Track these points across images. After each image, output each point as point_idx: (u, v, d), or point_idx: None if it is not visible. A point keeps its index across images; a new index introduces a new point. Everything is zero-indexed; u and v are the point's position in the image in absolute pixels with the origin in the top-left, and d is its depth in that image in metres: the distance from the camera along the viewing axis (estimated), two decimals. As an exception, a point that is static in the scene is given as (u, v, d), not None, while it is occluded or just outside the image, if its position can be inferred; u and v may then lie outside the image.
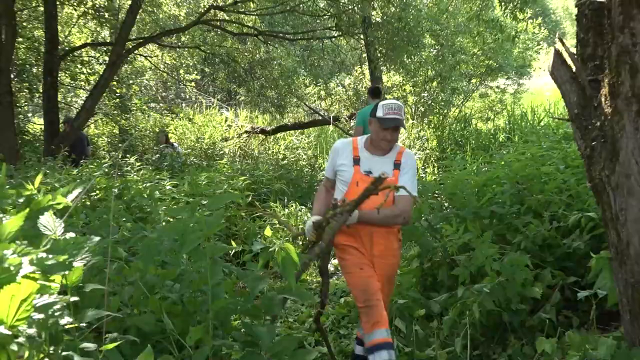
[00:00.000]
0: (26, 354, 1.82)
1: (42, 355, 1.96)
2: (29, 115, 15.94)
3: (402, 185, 3.98)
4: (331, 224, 4.09)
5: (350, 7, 14.57)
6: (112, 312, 2.73)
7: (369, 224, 4.33)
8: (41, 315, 1.92)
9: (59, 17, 13.36)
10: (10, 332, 1.73)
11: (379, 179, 3.72)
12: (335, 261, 6.10)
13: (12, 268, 1.86)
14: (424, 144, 15.70)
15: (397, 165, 4.45)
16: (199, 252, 3.48)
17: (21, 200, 2.83)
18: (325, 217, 4.12)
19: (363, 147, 4.57)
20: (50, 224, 2.24)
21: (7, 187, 3.02)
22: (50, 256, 2.03)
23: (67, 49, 14.23)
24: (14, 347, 1.76)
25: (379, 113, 4.39)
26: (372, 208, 4.04)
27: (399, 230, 4.60)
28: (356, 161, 4.49)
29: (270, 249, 3.75)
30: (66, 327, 2.17)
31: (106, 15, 15.42)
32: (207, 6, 15.37)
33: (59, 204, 2.68)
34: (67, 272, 2.14)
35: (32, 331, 1.92)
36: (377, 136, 4.44)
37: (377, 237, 4.41)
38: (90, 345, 2.29)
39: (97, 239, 2.19)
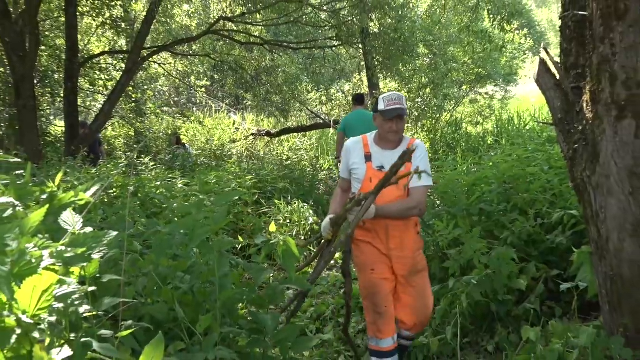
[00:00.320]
0: (47, 340, 1.81)
1: (62, 342, 1.96)
2: (51, 118, 15.97)
3: (420, 170, 3.83)
4: (349, 218, 3.91)
5: (349, 18, 14.58)
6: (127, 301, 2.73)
7: (384, 217, 4.06)
8: (61, 304, 1.92)
9: (79, 27, 13.37)
10: (32, 321, 1.72)
11: (407, 151, 3.63)
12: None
13: (33, 260, 1.86)
14: (417, 146, 15.66)
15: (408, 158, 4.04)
16: (207, 245, 3.49)
17: (44, 196, 2.83)
18: (341, 213, 3.97)
19: (373, 143, 4.28)
20: (70, 220, 2.24)
21: (31, 184, 3.01)
22: (70, 249, 2.03)
23: (86, 56, 14.23)
24: (36, 334, 1.76)
25: (381, 106, 4.13)
26: (389, 201, 3.96)
27: (416, 223, 4.31)
28: (368, 158, 4.22)
29: (272, 242, 3.75)
30: (85, 315, 2.17)
31: (123, 25, 15.44)
32: (217, 17, 15.37)
33: (79, 200, 2.68)
34: (85, 264, 2.14)
35: (53, 319, 1.92)
36: (383, 129, 4.17)
37: (392, 230, 4.13)
38: (107, 332, 2.29)
39: (114, 234, 2.19)
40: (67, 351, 1.80)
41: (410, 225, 4.21)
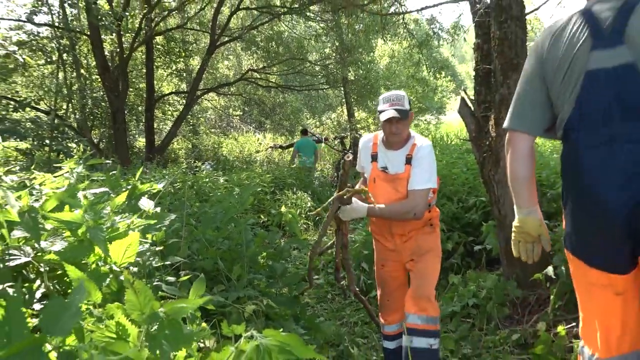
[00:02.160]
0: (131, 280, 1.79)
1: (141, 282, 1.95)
2: (136, 136, 15.90)
3: (365, 190, 2.75)
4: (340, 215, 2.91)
5: (334, 70, 14.67)
6: (185, 258, 2.73)
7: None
8: (140, 259, 1.91)
9: (154, 75, 13.34)
10: (119, 269, 1.71)
11: (343, 163, 2.68)
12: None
13: (120, 227, 1.84)
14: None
15: (408, 160, 2.91)
16: (238, 221, 3.49)
17: (129, 187, 2.82)
18: (327, 210, 2.94)
19: (381, 142, 3.03)
20: (146, 204, 2.22)
21: (121, 180, 3.00)
22: (146, 220, 2.02)
23: (159, 95, 14.20)
24: (122, 278, 1.74)
25: (379, 107, 2.92)
26: (388, 202, 2.83)
27: (431, 217, 3.02)
28: (374, 157, 3.01)
29: (282, 212, 3.73)
30: (156, 266, 2.16)
31: (184, 74, 15.43)
32: (247, 69, 15.41)
33: (153, 189, 2.67)
34: (156, 233, 2.13)
35: (135, 269, 1.90)
36: (384, 131, 2.96)
37: (395, 228, 2.97)
38: (171, 279, 2.28)
39: (173, 216, 2.17)
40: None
41: (415, 223, 2.97)
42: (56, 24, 11.10)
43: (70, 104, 12.31)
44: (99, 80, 11.55)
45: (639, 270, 1.60)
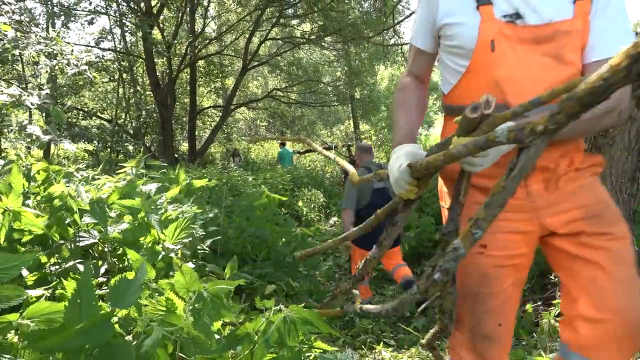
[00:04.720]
0: (180, 253, 1.79)
1: (187, 260, 1.94)
2: (180, 141, 15.98)
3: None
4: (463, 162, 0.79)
5: (344, 90, 14.67)
6: (222, 241, 2.72)
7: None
8: (187, 240, 1.91)
9: (197, 92, 13.40)
10: (172, 246, 1.71)
11: (393, 224, 0.96)
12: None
13: (173, 214, 1.84)
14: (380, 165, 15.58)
15: None
16: (263, 213, 3.48)
17: (184, 183, 2.82)
18: (432, 159, 0.79)
19: None
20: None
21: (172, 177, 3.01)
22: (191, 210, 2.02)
23: (200, 108, 14.25)
24: (173, 255, 1.75)
25: None
26: (538, 93, 0.65)
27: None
28: None
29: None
30: (199, 249, 2.16)
31: (220, 92, 15.48)
32: (272, 88, 15.44)
33: (205, 184, 2.68)
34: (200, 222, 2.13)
35: (183, 249, 1.90)
36: None
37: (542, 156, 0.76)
38: (210, 258, 2.28)
39: (213, 213, 2.16)
40: (191, 264, 1.79)
41: (578, 147, 1.00)
42: (118, 49, 11.20)
43: (128, 114, 12.42)
44: (152, 95, 11.63)
45: None
